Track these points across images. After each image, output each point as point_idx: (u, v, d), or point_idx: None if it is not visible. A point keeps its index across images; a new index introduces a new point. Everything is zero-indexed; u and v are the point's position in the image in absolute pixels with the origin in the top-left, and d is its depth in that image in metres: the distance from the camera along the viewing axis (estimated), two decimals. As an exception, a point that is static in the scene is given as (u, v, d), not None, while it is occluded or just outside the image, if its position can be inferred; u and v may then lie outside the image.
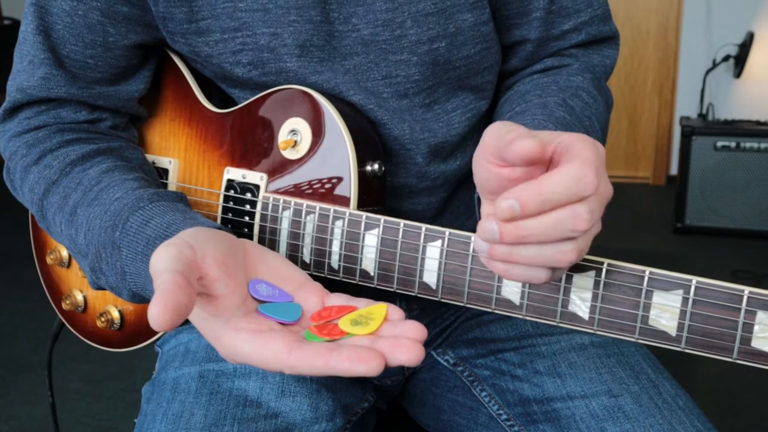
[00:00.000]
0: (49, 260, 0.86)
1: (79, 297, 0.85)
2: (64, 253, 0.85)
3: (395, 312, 0.49)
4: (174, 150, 0.79)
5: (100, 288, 0.66)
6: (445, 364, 0.79)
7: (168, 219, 0.59)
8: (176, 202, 0.63)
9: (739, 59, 3.55)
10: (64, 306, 0.86)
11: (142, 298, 0.63)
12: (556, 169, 0.46)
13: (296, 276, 0.55)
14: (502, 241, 0.48)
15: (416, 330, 0.47)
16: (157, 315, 0.43)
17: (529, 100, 0.71)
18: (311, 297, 0.54)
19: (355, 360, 0.43)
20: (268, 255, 0.56)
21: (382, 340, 0.46)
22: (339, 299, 0.53)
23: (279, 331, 0.48)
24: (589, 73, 0.76)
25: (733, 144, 3.01)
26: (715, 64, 3.58)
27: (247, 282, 0.53)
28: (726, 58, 3.57)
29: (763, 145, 2.98)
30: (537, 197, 0.45)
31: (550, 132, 0.50)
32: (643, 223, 3.37)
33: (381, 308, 0.49)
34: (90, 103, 0.74)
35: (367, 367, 0.43)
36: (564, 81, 0.74)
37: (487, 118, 0.79)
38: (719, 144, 3.02)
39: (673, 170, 3.88)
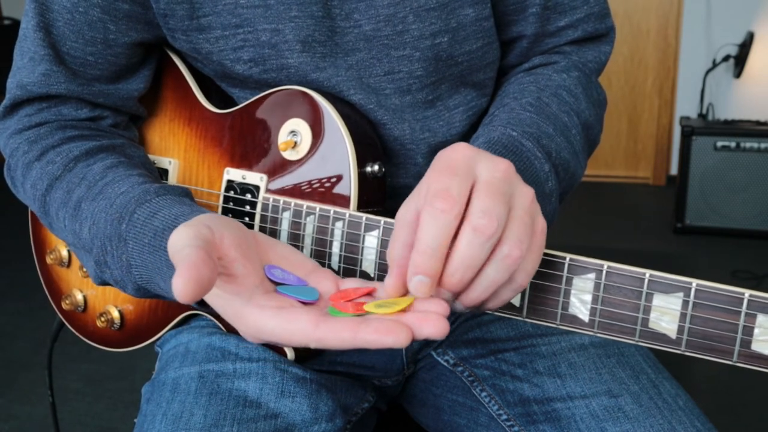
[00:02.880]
0: (49, 260, 0.86)
1: (79, 297, 0.85)
2: (64, 252, 0.85)
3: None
4: (174, 150, 0.79)
5: (104, 283, 0.66)
6: (445, 364, 0.79)
7: (175, 211, 0.59)
8: (182, 197, 0.63)
9: (739, 59, 3.55)
10: (64, 306, 0.86)
11: (147, 292, 0.63)
12: (419, 223, 0.48)
13: (306, 262, 0.57)
14: (455, 293, 0.49)
15: (440, 305, 0.47)
16: (182, 287, 0.43)
17: (506, 103, 0.72)
18: (324, 281, 0.55)
19: (383, 332, 0.43)
20: (276, 243, 0.57)
21: (408, 314, 0.46)
22: (354, 283, 0.54)
23: (302, 307, 0.49)
24: (575, 71, 0.76)
25: (733, 144, 3.01)
26: (715, 64, 3.58)
27: (263, 267, 0.54)
28: (726, 58, 3.57)
29: (763, 145, 2.98)
30: (424, 257, 0.47)
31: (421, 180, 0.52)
32: (643, 223, 3.37)
33: (407, 300, 0.49)
34: (90, 100, 0.74)
35: (396, 338, 0.43)
36: (545, 80, 0.74)
37: None
38: (719, 144, 3.02)
39: (673, 170, 3.88)
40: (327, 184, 0.67)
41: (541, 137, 0.66)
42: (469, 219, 0.47)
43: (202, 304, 0.58)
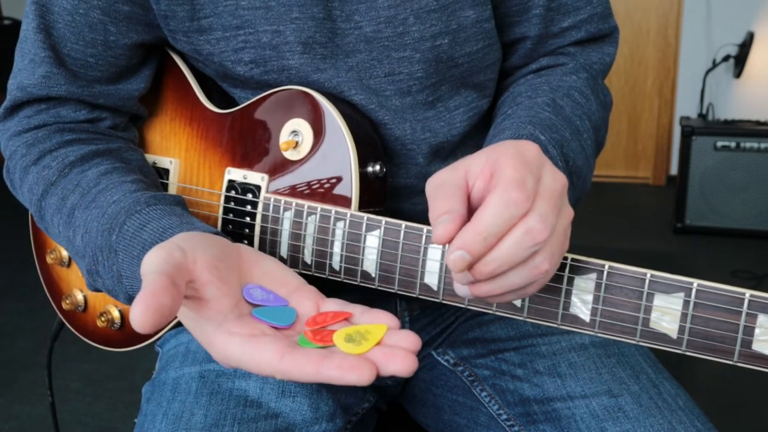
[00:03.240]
0: (49, 260, 0.86)
1: (80, 296, 0.85)
2: (64, 252, 0.85)
3: (392, 321, 0.49)
4: (175, 150, 0.79)
5: (96, 290, 0.67)
6: (445, 364, 0.79)
7: (164, 223, 0.59)
8: (173, 206, 0.63)
9: (739, 59, 3.55)
10: (64, 305, 0.86)
11: None
12: (485, 202, 0.47)
13: (291, 280, 0.55)
14: (477, 280, 0.49)
15: (411, 340, 0.46)
16: (138, 316, 0.42)
17: (520, 102, 0.72)
18: (306, 301, 0.53)
19: (346, 369, 0.43)
20: (262, 259, 0.56)
21: (375, 348, 0.46)
22: (334, 305, 0.53)
23: (272, 335, 0.48)
24: (584, 72, 0.76)
25: (733, 144, 3.01)
26: (715, 64, 3.58)
27: (241, 286, 0.52)
28: (726, 58, 3.57)
29: (763, 145, 2.98)
30: (477, 237, 0.46)
31: (483, 154, 0.51)
32: (643, 223, 3.37)
33: (379, 329, 0.48)
34: (90, 102, 0.74)
35: (359, 376, 0.42)
36: (557, 81, 0.74)
37: (488, 116, 0.79)
38: (719, 144, 3.03)
39: (673, 170, 3.88)
40: (328, 184, 0.67)
41: (563, 144, 0.66)
42: (526, 219, 0.47)
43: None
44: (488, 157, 0.50)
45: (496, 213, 0.46)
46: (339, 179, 0.66)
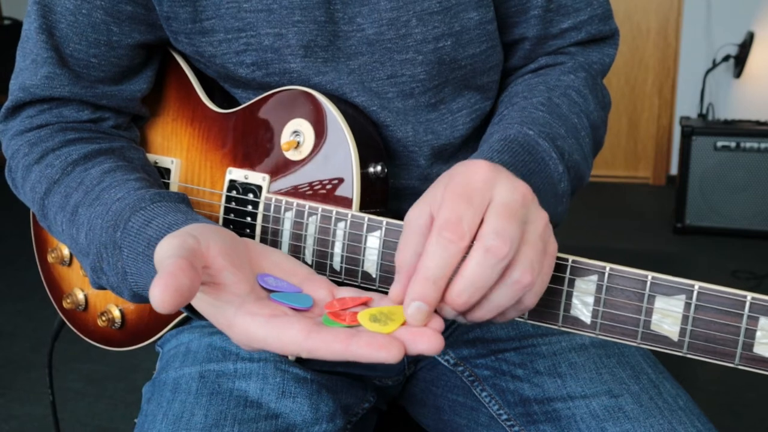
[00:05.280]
0: (50, 259, 0.86)
1: (80, 296, 0.85)
2: (65, 251, 0.85)
3: None
4: (176, 150, 0.79)
5: (101, 287, 0.66)
6: (446, 364, 0.79)
7: (169, 219, 0.59)
8: (178, 203, 0.63)
9: (739, 59, 3.55)
10: (65, 305, 0.86)
11: (143, 298, 0.63)
12: (424, 248, 0.47)
13: (300, 270, 0.56)
14: (460, 312, 0.49)
15: (436, 320, 0.47)
16: (158, 295, 0.43)
17: (516, 102, 0.71)
18: (319, 289, 0.54)
19: (375, 346, 0.43)
20: (270, 251, 0.57)
21: (402, 328, 0.46)
22: (349, 292, 0.54)
23: (294, 315, 0.48)
24: (582, 72, 0.76)
25: (733, 144, 3.01)
26: (715, 64, 3.58)
27: (254, 276, 0.53)
28: (726, 58, 3.57)
29: (763, 145, 2.98)
30: (427, 283, 0.47)
31: (429, 193, 0.51)
32: (643, 223, 3.37)
33: (402, 314, 0.48)
34: (93, 102, 0.74)
35: (387, 354, 0.43)
36: (554, 80, 0.74)
37: (490, 118, 0.79)
38: (719, 144, 3.03)
39: (673, 170, 3.88)
40: (329, 185, 0.67)
41: (556, 138, 0.65)
42: (481, 240, 0.47)
43: (195, 312, 0.58)
44: (432, 198, 0.50)
45: (434, 256, 0.46)
46: (340, 180, 0.66)
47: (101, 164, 0.69)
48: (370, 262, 0.63)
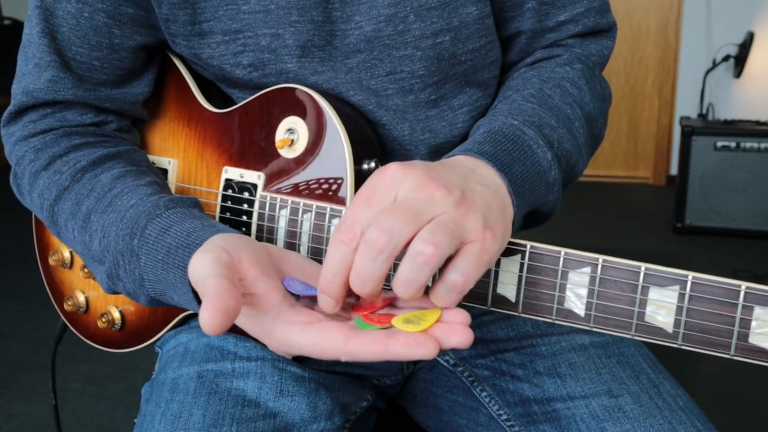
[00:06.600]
0: (51, 261, 0.86)
1: (81, 298, 0.85)
2: (67, 254, 0.85)
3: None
4: (173, 150, 0.79)
5: (115, 293, 0.67)
6: (445, 364, 0.79)
7: (187, 226, 0.60)
8: (192, 209, 0.63)
9: (739, 59, 3.56)
10: (66, 307, 0.86)
11: (160, 303, 0.63)
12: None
13: (319, 271, 0.57)
14: (375, 297, 0.51)
15: (464, 315, 0.49)
16: (208, 320, 0.44)
17: (508, 95, 0.71)
18: None
19: (413, 345, 0.46)
20: (288, 254, 0.58)
21: (435, 326, 0.48)
22: None
23: (331, 320, 0.50)
24: (578, 63, 0.75)
25: (733, 144, 3.01)
26: (715, 64, 3.59)
27: (281, 280, 0.55)
28: (726, 58, 3.57)
29: (763, 145, 2.98)
30: (327, 277, 0.50)
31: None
32: (643, 223, 3.37)
33: (435, 312, 0.50)
34: (96, 105, 0.74)
35: (425, 351, 0.45)
36: (548, 72, 0.73)
37: None
38: (719, 144, 3.03)
39: (673, 170, 3.88)
40: (324, 182, 0.67)
41: (543, 126, 0.65)
42: (363, 235, 0.48)
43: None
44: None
45: (330, 256, 0.49)
46: (335, 177, 0.66)
47: (110, 170, 0.69)
48: (367, 261, 0.63)
